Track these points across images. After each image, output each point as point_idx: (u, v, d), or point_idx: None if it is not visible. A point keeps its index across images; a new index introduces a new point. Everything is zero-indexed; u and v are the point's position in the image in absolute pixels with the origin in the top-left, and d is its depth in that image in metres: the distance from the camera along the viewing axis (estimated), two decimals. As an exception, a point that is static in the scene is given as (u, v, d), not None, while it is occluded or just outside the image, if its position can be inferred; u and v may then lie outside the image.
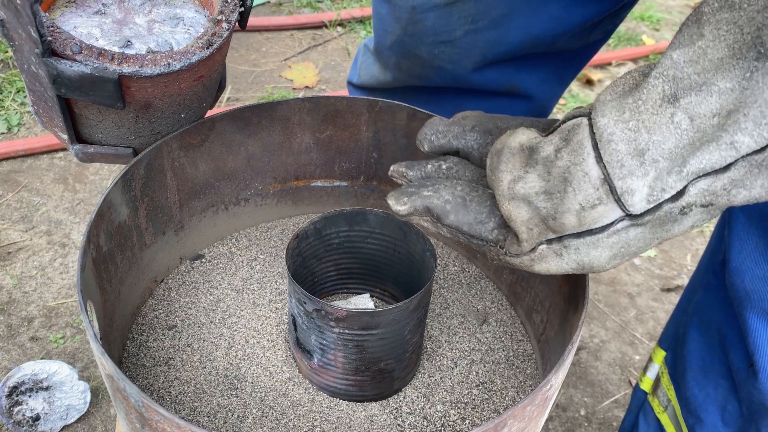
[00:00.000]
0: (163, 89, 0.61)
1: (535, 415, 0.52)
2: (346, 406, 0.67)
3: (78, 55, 0.55)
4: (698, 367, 0.69)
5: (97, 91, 0.56)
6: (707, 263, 0.71)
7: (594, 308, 1.33)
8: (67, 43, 0.54)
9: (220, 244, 0.83)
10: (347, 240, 0.73)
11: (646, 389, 0.81)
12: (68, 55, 0.54)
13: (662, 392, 0.76)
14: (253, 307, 0.76)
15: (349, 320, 0.60)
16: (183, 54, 0.59)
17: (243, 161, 0.79)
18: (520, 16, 0.80)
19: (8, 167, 1.47)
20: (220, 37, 0.62)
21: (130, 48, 0.61)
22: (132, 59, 0.57)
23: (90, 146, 0.65)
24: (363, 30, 2.14)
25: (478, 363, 0.72)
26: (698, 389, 0.69)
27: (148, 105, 0.62)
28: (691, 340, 0.70)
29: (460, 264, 0.84)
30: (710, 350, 0.68)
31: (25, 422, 0.96)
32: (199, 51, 0.60)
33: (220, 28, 0.62)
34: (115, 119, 0.62)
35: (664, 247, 1.50)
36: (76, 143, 0.64)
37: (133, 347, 0.71)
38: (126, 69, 0.56)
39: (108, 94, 0.57)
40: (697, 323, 0.70)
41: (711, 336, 0.68)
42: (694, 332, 0.70)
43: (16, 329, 1.14)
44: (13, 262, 1.25)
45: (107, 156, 0.66)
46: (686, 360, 0.71)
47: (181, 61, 0.59)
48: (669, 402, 0.75)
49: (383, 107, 0.78)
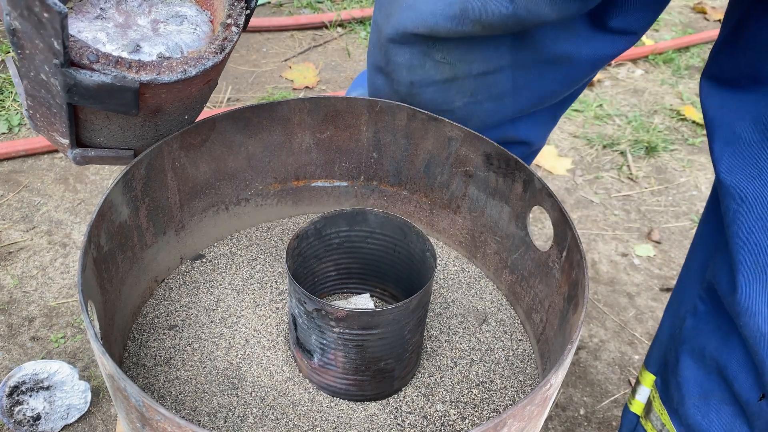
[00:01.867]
0: (176, 94, 0.61)
1: (534, 415, 0.52)
2: (347, 406, 0.67)
3: (95, 64, 0.54)
4: (698, 394, 0.69)
5: (114, 100, 0.56)
6: (692, 290, 0.71)
7: (593, 308, 1.33)
8: (83, 52, 0.54)
9: (220, 244, 0.84)
10: (347, 240, 0.73)
11: (638, 412, 0.81)
12: (85, 65, 0.54)
13: (655, 416, 0.76)
14: (254, 307, 0.76)
15: (349, 320, 0.60)
16: (197, 60, 0.59)
17: (243, 161, 0.80)
18: (522, 90, 0.80)
19: (9, 167, 1.47)
20: (230, 42, 0.61)
21: (139, 52, 0.60)
22: (149, 67, 0.56)
23: (90, 150, 0.64)
24: (363, 30, 2.14)
25: (477, 363, 0.72)
26: (701, 416, 0.68)
27: (159, 109, 0.62)
28: (686, 368, 0.70)
29: (460, 264, 0.85)
30: (708, 377, 0.67)
31: (25, 422, 0.96)
32: (212, 56, 0.60)
33: (230, 32, 0.62)
34: (121, 124, 0.62)
35: (664, 247, 1.50)
36: (76, 147, 0.63)
37: (133, 347, 0.71)
38: (144, 77, 0.56)
39: (125, 102, 0.56)
40: (689, 351, 0.70)
41: (707, 364, 0.67)
42: (687, 359, 0.70)
43: (16, 329, 1.14)
44: (14, 261, 1.25)
45: (106, 158, 0.66)
46: (683, 387, 0.70)
47: (196, 67, 0.58)
48: (663, 426, 0.74)
49: (383, 107, 0.79)
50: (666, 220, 1.58)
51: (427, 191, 0.84)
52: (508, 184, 0.74)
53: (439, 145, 0.79)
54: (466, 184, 0.80)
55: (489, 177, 0.76)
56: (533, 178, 0.70)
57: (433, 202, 0.84)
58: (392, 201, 0.87)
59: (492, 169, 0.75)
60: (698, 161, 1.78)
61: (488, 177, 0.76)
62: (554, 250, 0.68)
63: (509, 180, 0.74)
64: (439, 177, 0.82)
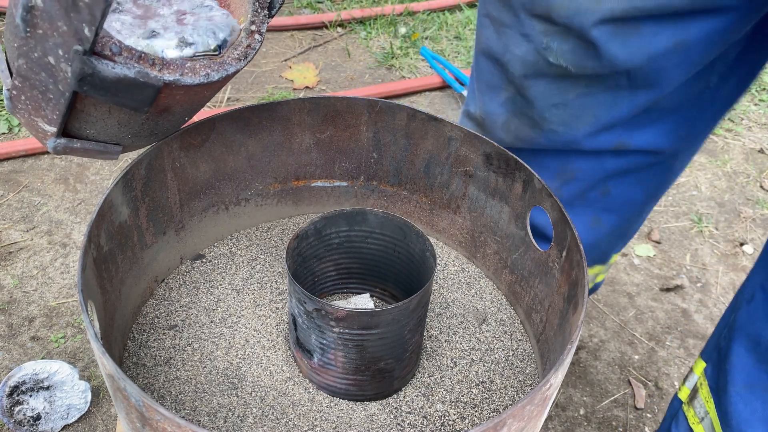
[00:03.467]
0: (191, 96, 0.59)
1: (534, 415, 0.52)
2: (346, 406, 0.67)
3: (117, 56, 0.52)
4: (743, 383, 0.68)
5: (129, 95, 0.53)
6: (757, 277, 0.69)
7: (593, 308, 1.33)
8: (106, 42, 0.51)
9: (220, 244, 0.84)
10: (347, 240, 0.73)
11: (683, 398, 0.80)
12: (107, 55, 0.51)
13: (699, 403, 0.75)
14: (254, 307, 0.76)
15: (349, 320, 0.60)
16: (221, 65, 0.58)
17: (243, 161, 0.80)
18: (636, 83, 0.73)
19: (9, 167, 1.47)
20: (253, 50, 0.61)
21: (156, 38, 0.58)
22: (172, 66, 0.55)
23: (76, 141, 0.59)
24: (363, 30, 2.14)
25: (477, 362, 0.72)
26: (743, 405, 0.68)
27: (167, 109, 0.60)
28: (735, 355, 0.69)
29: (460, 264, 0.85)
30: (758, 366, 0.67)
31: (26, 422, 0.96)
32: (235, 62, 0.59)
33: (253, 39, 0.61)
34: (121, 119, 0.59)
35: (664, 247, 1.50)
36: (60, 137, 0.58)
37: (133, 347, 0.71)
38: (167, 76, 0.54)
39: (141, 99, 0.54)
40: (742, 338, 0.69)
41: (760, 353, 0.66)
42: (738, 347, 0.69)
43: (17, 329, 1.14)
44: (14, 261, 1.25)
45: (91, 151, 0.62)
46: (729, 374, 0.69)
47: (219, 72, 0.57)
48: (706, 414, 0.74)
49: (383, 107, 0.79)
50: (666, 220, 1.58)
51: (427, 191, 0.84)
52: (508, 184, 0.74)
53: (439, 145, 0.79)
54: (466, 184, 0.80)
55: (489, 177, 0.76)
56: (533, 178, 0.70)
57: (433, 202, 0.84)
58: (392, 201, 0.87)
59: (492, 169, 0.75)
60: (698, 161, 1.79)
61: (488, 177, 0.76)
62: (554, 250, 0.68)
63: (509, 180, 0.74)
64: (439, 177, 0.82)
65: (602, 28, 0.68)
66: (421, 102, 1.88)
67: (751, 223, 1.60)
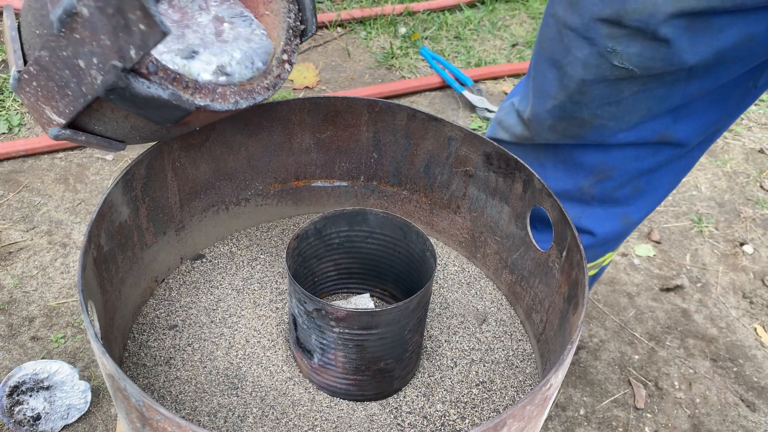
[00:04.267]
0: (213, 117, 0.59)
1: (534, 415, 0.52)
2: (346, 406, 0.67)
3: (153, 75, 0.51)
4: None
5: (157, 112, 0.53)
6: None
7: (593, 308, 1.33)
8: (144, 59, 0.50)
9: (220, 244, 0.84)
10: (347, 240, 0.73)
11: None
12: (143, 73, 0.51)
13: None
14: (254, 307, 0.76)
15: (350, 320, 0.60)
16: (249, 93, 0.58)
17: (243, 161, 0.80)
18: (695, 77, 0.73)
19: (9, 167, 1.47)
20: (282, 80, 0.61)
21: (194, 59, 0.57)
22: (204, 90, 0.55)
23: (81, 134, 0.58)
24: (363, 30, 2.14)
25: (477, 362, 0.72)
26: None
27: (187, 124, 0.60)
28: None
29: (460, 264, 0.85)
30: None
31: (26, 422, 0.96)
32: (263, 91, 0.59)
33: (283, 69, 0.61)
34: (136, 124, 0.58)
35: (664, 247, 1.50)
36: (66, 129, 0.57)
37: (133, 347, 0.71)
38: (199, 101, 0.54)
39: (168, 117, 0.54)
40: None
41: None
42: None
43: (17, 329, 1.14)
44: (14, 261, 1.25)
45: (95, 144, 0.61)
46: None
47: (247, 101, 0.58)
48: None
49: (383, 107, 0.79)
50: (666, 220, 1.58)
51: (427, 191, 0.84)
52: (508, 184, 0.74)
53: (439, 145, 0.79)
54: (466, 184, 0.80)
55: (489, 177, 0.76)
56: (533, 178, 0.70)
57: (433, 202, 0.84)
58: (392, 201, 0.87)
59: (492, 169, 0.75)
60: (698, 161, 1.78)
61: (488, 177, 0.76)
62: (554, 250, 0.68)
63: (509, 180, 0.74)
64: (439, 177, 0.82)
65: (674, 23, 0.67)
66: (421, 102, 1.88)
67: (751, 223, 1.60)
